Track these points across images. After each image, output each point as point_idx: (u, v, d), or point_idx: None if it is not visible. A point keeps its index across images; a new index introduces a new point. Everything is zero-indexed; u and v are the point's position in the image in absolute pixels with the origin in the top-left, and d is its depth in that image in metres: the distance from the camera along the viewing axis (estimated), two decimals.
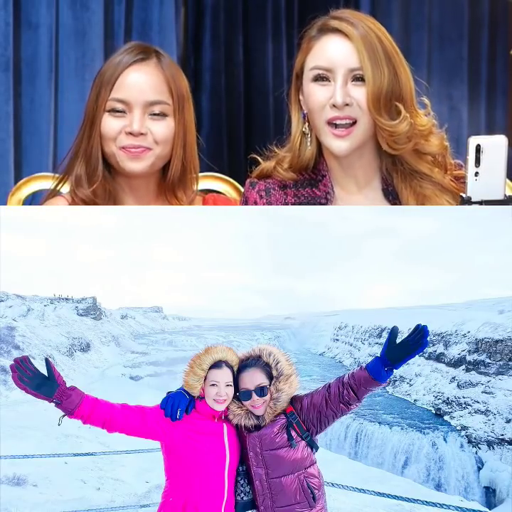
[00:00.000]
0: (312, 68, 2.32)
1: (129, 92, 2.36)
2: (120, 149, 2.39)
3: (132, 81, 2.37)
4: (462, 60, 3.94)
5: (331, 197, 2.44)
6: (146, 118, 2.38)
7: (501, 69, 3.97)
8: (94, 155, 2.41)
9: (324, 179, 2.44)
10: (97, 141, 2.40)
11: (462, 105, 3.90)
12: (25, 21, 3.46)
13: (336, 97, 2.25)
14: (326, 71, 2.29)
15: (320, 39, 2.33)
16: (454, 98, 3.87)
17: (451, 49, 3.94)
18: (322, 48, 2.32)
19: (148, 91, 2.37)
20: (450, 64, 3.92)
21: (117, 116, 2.37)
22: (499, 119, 3.95)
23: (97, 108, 2.38)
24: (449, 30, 3.93)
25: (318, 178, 2.45)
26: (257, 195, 2.47)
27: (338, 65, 2.27)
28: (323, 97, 2.29)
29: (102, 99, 2.37)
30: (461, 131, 3.87)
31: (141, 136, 2.37)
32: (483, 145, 2.25)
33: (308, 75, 2.33)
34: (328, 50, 2.30)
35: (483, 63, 3.98)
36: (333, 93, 2.26)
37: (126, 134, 2.37)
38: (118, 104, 2.37)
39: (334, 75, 2.28)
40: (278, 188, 2.46)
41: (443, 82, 3.91)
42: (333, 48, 2.29)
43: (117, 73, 2.37)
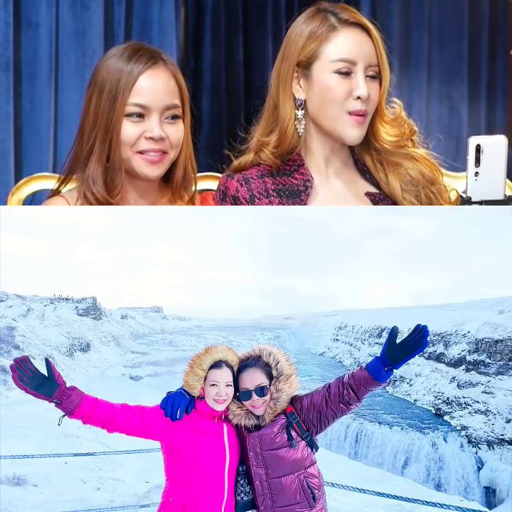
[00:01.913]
0: (336, 60, 2.33)
1: (148, 97, 2.36)
2: (137, 154, 2.39)
3: (150, 86, 2.37)
4: (462, 60, 3.94)
5: (310, 184, 2.48)
6: (163, 122, 2.39)
7: (501, 69, 3.97)
8: (116, 162, 2.39)
9: (301, 168, 2.49)
10: (118, 148, 2.37)
11: (462, 105, 3.89)
12: (25, 21, 3.46)
13: (362, 90, 2.32)
14: (350, 64, 2.33)
15: (342, 31, 2.35)
16: (454, 98, 3.87)
17: (451, 49, 3.93)
18: (347, 41, 2.34)
19: (165, 95, 2.38)
20: (450, 64, 3.92)
21: (136, 121, 2.37)
22: (499, 119, 3.95)
23: (114, 113, 2.35)
24: (449, 30, 3.93)
25: (293, 168, 2.50)
26: (237, 184, 2.50)
27: (361, 59, 2.33)
28: (345, 89, 2.33)
29: (120, 104, 2.35)
30: (461, 131, 3.87)
31: (161, 140, 2.39)
32: (483, 145, 2.27)
33: (329, 66, 2.34)
34: (355, 44, 2.34)
35: (483, 63, 3.98)
36: (355, 86, 2.33)
37: (146, 139, 2.37)
38: (137, 109, 2.36)
39: (355, 68, 2.33)
40: (256, 177, 2.50)
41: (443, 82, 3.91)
42: (359, 43, 2.34)
43: (133, 79, 2.36)
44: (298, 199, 2.47)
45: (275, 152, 2.47)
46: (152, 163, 2.40)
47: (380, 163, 2.51)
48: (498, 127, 3.84)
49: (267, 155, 2.47)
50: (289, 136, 2.44)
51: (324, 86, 2.36)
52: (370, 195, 2.53)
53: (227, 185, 2.53)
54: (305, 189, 2.47)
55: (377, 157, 2.51)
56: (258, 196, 2.48)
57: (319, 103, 2.40)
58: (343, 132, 2.40)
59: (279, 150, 2.46)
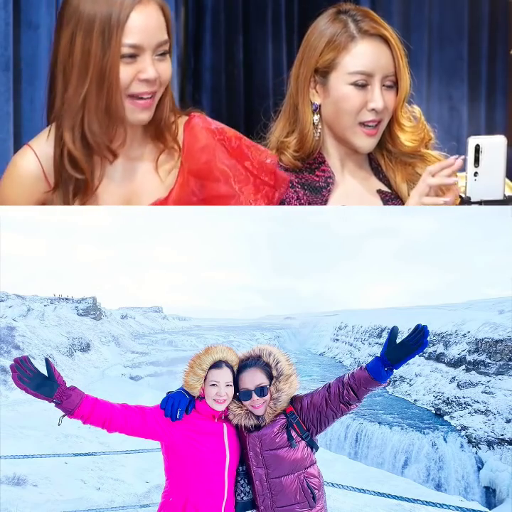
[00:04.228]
0: (353, 73, 2.36)
1: (141, 36, 2.15)
2: (128, 98, 2.19)
3: (142, 24, 2.15)
4: (462, 60, 3.95)
5: (332, 180, 2.52)
6: (154, 60, 2.18)
7: (501, 69, 3.98)
8: (119, 109, 2.18)
9: (322, 165, 2.52)
10: (118, 94, 2.15)
11: (462, 105, 3.90)
12: (25, 21, 3.46)
13: (378, 103, 2.36)
14: (367, 76, 2.36)
15: (362, 43, 2.37)
16: (454, 98, 3.88)
17: (451, 49, 3.95)
18: (365, 54, 2.36)
19: (157, 32, 2.18)
20: (450, 64, 3.93)
21: (128, 62, 2.15)
22: (499, 119, 3.96)
23: (109, 55, 2.11)
24: (449, 30, 3.94)
25: (314, 166, 2.52)
26: None
27: (378, 70, 2.36)
28: (360, 101, 2.37)
29: (115, 46, 2.12)
30: (461, 131, 3.87)
31: (153, 81, 2.20)
32: (482, 145, 2.27)
33: (346, 78, 2.37)
34: (372, 56, 2.36)
35: (483, 63, 3.99)
36: (370, 98, 2.36)
37: (140, 81, 2.18)
38: (130, 50, 2.14)
39: (372, 80, 2.36)
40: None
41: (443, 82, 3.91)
42: (377, 55, 2.36)
43: (124, 16, 2.13)
44: (319, 195, 2.51)
45: (297, 156, 2.50)
46: (145, 107, 2.21)
47: (391, 161, 2.56)
48: (498, 127, 3.85)
49: (288, 158, 2.50)
50: (309, 140, 2.48)
51: (340, 96, 2.40)
52: (382, 193, 2.58)
53: None
54: (326, 185, 2.51)
55: (388, 156, 2.56)
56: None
57: (334, 111, 2.43)
58: (354, 142, 2.45)
59: (301, 154, 2.50)
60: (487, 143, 2.27)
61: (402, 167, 2.54)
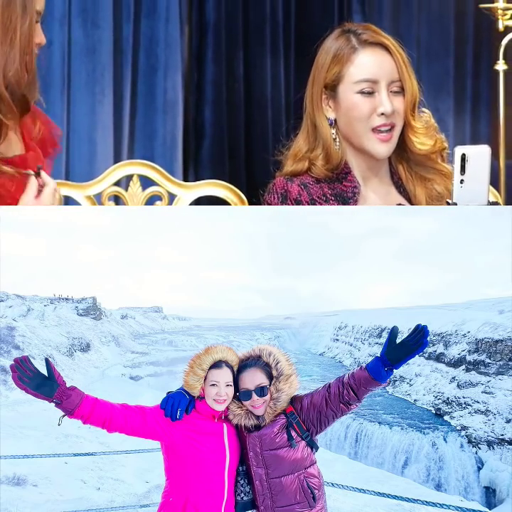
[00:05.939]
0: (358, 81, 2.46)
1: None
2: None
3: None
4: (448, 76, 4.12)
5: (358, 190, 2.60)
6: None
7: (485, 84, 4.13)
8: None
9: (348, 175, 2.60)
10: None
11: (448, 118, 4.05)
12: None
13: (386, 107, 2.45)
14: (373, 83, 2.45)
15: (363, 52, 2.47)
16: (441, 111, 4.02)
17: (438, 65, 4.11)
18: (368, 62, 2.47)
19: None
20: (437, 79, 4.08)
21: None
22: (483, 131, 4.12)
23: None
24: (436, 47, 4.11)
25: (340, 176, 2.60)
26: (299, 188, 2.59)
27: (382, 77, 2.46)
28: (369, 107, 2.47)
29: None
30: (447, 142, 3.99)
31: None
32: (468, 154, 2.37)
33: (353, 87, 2.47)
34: (375, 63, 2.47)
35: (468, 78, 4.16)
36: (379, 103, 2.46)
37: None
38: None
39: (378, 86, 2.46)
40: (313, 183, 2.61)
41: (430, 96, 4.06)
42: (379, 62, 2.47)
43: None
44: (347, 205, 2.60)
45: (327, 167, 2.58)
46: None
47: (410, 175, 2.64)
48: (482, 138, 3.98)
49: (319, 169, 2.58)
50: (333, 153, 2.56)
51: (349, 106, 2.49)
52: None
53: (287, 188, 2.61)
54: (353, 195, 2.60)
55: (408, 168, 2.64)
56: (318, 200, 2.59)
57: (346, 122, 2.53)
58: (370, 148, 2.53)
59: (329, 165, 2.58)
60: (472, 152, 2.38)
61: (422, 182, 2.62)
